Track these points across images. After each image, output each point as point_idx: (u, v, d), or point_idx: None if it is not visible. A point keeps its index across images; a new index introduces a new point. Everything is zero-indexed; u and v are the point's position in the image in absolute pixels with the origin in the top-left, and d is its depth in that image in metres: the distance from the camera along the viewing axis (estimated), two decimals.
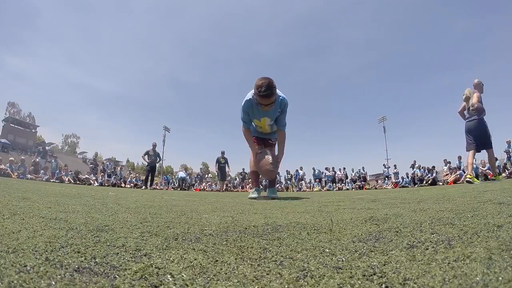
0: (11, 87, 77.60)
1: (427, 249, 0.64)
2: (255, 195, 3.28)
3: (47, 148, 19.54)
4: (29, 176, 11.76)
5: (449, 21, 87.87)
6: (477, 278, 0.44)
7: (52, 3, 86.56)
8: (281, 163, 3.34)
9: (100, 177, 14.38)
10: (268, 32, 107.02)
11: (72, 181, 12.87)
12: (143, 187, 10.89)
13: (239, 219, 1.27)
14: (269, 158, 3.00)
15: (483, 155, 5.31)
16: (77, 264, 0.53)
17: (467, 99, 4.89)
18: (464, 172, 11.39)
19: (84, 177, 13.80)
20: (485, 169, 10.92)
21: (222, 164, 11.89)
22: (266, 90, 2.74)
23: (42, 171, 12.74)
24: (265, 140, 3.61)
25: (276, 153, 3.32)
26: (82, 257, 0.58)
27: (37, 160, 13.08)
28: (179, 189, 14.93)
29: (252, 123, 3.33)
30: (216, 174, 12.84)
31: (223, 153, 12.02)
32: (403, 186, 13.72)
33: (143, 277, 0.48)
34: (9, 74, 79.28)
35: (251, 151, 3.32)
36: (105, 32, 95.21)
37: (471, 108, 4.73)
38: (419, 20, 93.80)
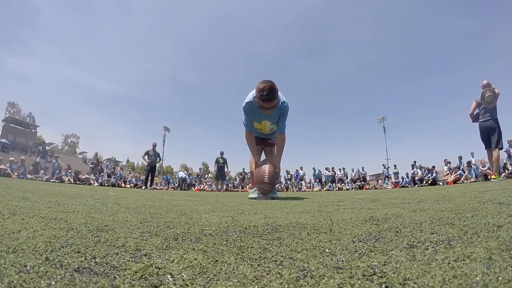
0: (11, 87, 77.91)
1: (427, 249, 0.64)
2: (255, 195, 3.28)
3: (47, 148, 19.53)
4: (29, 176, 11.76)
5: (449, 21, 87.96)
6: (477, 278, 0.44)
7: (52, 3, 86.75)
8: (281, 163, 3.35)
9: (100, 177, 14.38)
10: (268, 32, 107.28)
11: (72, 181, 12.87)
12: (143, 187, 10.90)
13: (239, 219, 1.27)
14: (264, 175, 2.97)
15: (483, 155, 5.42)
16: (77, 264, 0.53)
17: (494, 98, 5.07)
18: (464, 172, 11.41)
19: (84, 177, 13.80)
20: (485, 169, 10.92)
21: (221, 164, 11.91)
22: (268, 93, 2.73)
23: (42, 171, 12.75)
24: (265, 140, 3.62)
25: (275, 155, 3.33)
26: (82, 257, 0.58)
27: (37, 160, 13.08)
28: (179, 189, 14.93)
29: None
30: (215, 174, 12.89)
31: (222, 153, 12.04)
32: (403, 186, 13.72)
33: (143, 277, 0.48)
34: (9, 74, 79.53)
35: (251, 156, 3.34)
36: (105, 32, 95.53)
37: None
38: (419, 20, 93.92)
